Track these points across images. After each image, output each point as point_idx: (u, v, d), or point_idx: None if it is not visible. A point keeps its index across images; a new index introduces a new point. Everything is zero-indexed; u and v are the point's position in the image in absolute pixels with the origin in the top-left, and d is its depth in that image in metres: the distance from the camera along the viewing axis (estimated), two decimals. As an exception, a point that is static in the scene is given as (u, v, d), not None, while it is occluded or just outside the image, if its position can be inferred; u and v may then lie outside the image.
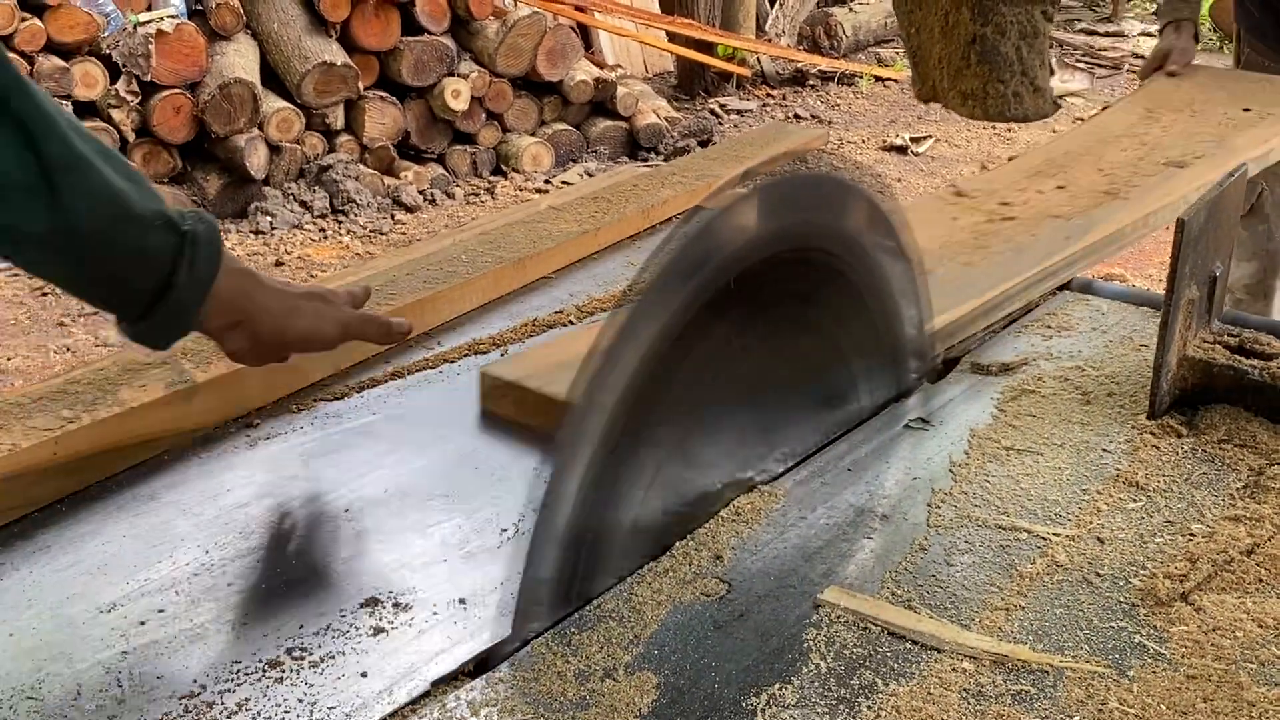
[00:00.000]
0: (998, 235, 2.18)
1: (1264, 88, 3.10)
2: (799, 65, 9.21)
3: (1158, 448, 1.60)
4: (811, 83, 9.20)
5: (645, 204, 2.46)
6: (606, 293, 2.15)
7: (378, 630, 1.32)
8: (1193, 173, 2.50)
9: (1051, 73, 1.68)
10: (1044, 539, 1.42)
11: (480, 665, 1.26)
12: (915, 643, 1.26)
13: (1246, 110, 2.90)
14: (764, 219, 1.39)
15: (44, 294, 5.43)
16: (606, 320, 1.28)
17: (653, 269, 1.28)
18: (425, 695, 1.22)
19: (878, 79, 9.23)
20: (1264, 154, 2.71)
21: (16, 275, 5.57)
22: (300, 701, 1.22)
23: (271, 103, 6.31)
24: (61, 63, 5.80)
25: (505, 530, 1.50)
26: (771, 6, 9.53)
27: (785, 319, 1.52)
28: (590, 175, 6.81)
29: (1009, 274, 2.01)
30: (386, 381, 1.86)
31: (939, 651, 1.24)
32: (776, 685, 1.20)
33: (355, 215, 6.29)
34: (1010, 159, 2.78)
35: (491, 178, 7.02)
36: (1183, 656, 1.23)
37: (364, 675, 1.25)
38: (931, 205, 2.44)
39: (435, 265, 2.13)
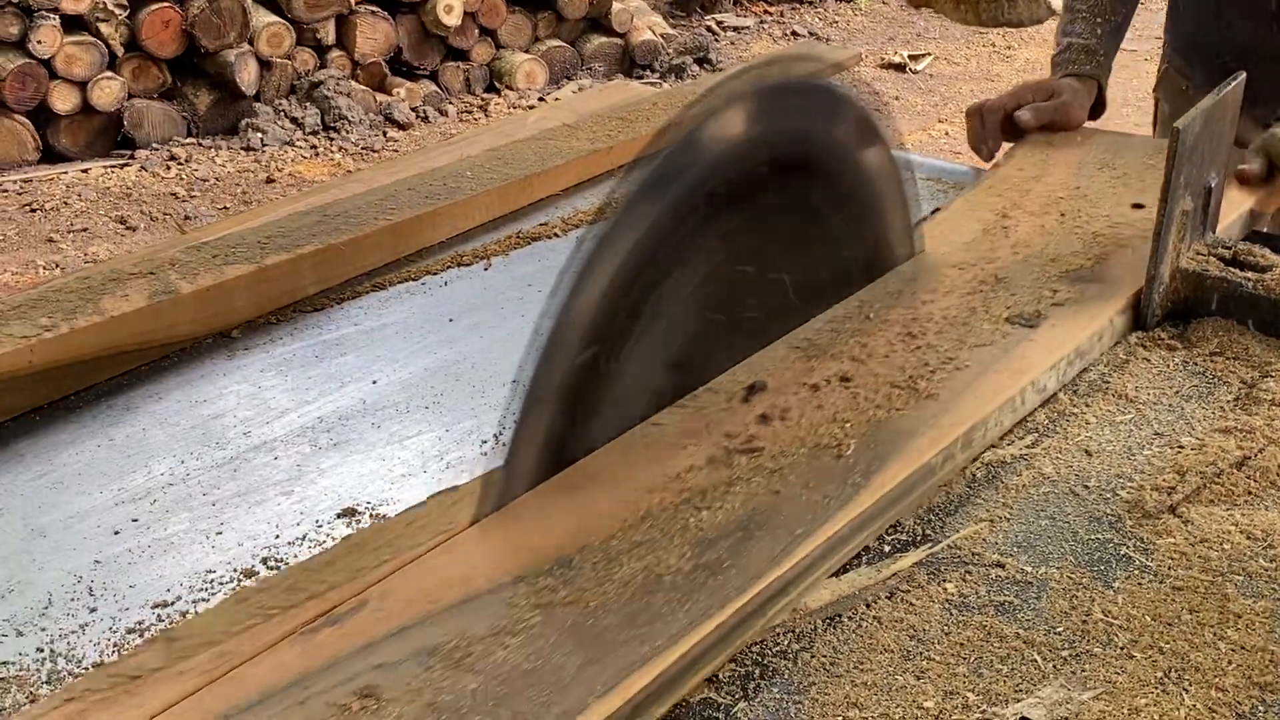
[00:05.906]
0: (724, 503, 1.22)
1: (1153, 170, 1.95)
2: (797, -19, 9.10)
3: (1149, 360, 1.58)
4: (810, -1, 9.09)
5: (662, 122, 2.37)
6: (591, 205, 2.11)
7: (354, 540, 1.30)
8: (1047, 337, 1.52)
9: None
10: (1030, 450, 1.40)
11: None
12: (898, 552, 1.24)
13: (1139, 206, 1.84)
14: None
15: (33, 210, 5.38)
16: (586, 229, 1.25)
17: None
18: (401, 605, 1.21)
19: (877, -4, 9.12)
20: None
21: (5, 190, 5.51)
22: (274, 610, 1.20)
23: (262, 17, 6.22)
24: (47, -25, 5.71)
25: (485, 442, 1.48)
26: (770, -79, 9.39)
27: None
28: (582, 89, 6.72)
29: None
30: (367, 294, 1.84)
31: (919, 559, 1.23)
32: (756, 596, 1.18)
33: (347, 132, 6.23)
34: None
35: (485, 95, 6.94)
36: (1169, 568, 1.21)
37: (340, 585, 1.24)
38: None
39: (439, 181, 2.08)
